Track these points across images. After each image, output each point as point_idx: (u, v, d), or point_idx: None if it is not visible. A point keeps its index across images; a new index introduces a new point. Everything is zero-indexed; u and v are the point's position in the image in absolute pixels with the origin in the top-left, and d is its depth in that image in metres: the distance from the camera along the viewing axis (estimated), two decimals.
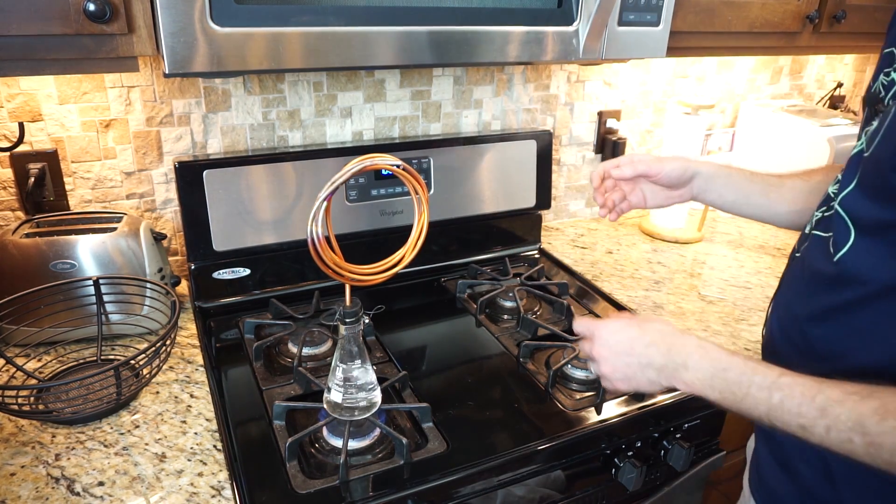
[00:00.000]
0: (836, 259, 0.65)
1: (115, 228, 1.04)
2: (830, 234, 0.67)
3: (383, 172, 1.24)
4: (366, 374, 0.84)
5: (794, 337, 0.71)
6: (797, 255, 0.76)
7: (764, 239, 1.59)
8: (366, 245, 1.25)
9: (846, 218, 0.64)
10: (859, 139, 0.69)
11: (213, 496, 0.77)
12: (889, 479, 0.58)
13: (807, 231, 0.75)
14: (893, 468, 0.55)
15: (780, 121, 1.65)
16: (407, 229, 0.81)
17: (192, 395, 0.95)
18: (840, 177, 0.69)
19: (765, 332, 0.81)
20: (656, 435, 0.97)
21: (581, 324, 0.80)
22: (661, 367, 0.71)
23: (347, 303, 0.80)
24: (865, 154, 0.63)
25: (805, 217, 0.91)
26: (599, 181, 0.95)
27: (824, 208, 0.71)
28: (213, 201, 1.12)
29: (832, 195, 0.70)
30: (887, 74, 0.66)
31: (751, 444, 0.93)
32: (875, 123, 0.63)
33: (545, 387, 0.98)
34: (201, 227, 1.13)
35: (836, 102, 1.88)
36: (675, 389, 0.72)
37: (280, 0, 0.80)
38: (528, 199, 1.42)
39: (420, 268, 1.34)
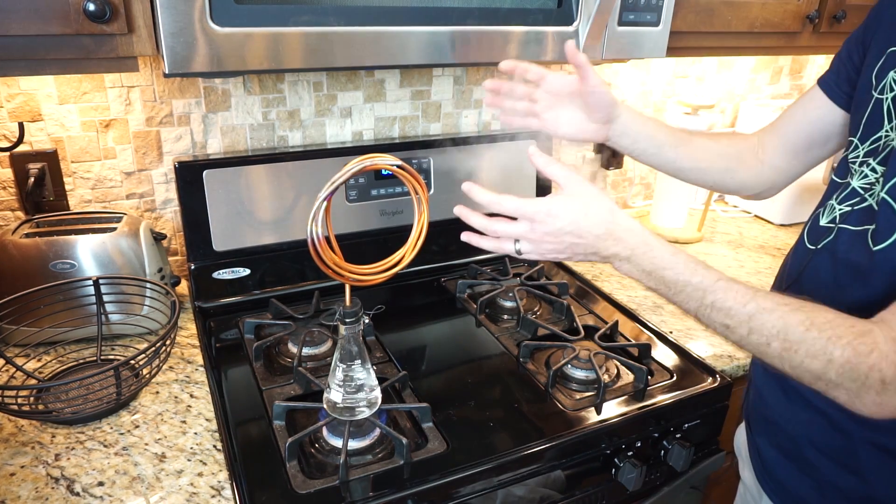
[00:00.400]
0: (875, 250, 0.65)
1: (115, 228, 1.04)
2: (867, 227, 0.67)
3: (383, 172, 1.24)
4: (366, 374, 0.84)
5: None
6: (813, 247, 0.76)
7: (764, 239, 1.59)
8: (366, 245, 1.25)
9: (895, 207, 0.64)
10: (873, 143, 0.69)
11: (213, 496, 0.77)
12: None
13: (824, 223, 0.75)
14: (796, 371, 0.61)
15: None
16: (407, 229, 0.81)
17: (192, 395, 0.95)
18: (869, 172, 0.70)
19: None
20: (656, 435, 0.97)
21: (507, 201, 0.70)
22: (607, 257, 0.70)
23: (347, 303, 0.80)
24: None
25: (707, 176, 0.95)
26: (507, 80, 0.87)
27: (853, 201, 0.71)
28: (213, 201, 1.12)
29: (863, 188, 0.70)
30: None
31: (740, 438, 0.93)
32: None
33: (545, 387, 0.98)
34: (201, 227, 1.13)
35: None
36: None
37: (280, 0, 0.80)
38: None
39: (420, 268, 1.34)
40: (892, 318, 0.59)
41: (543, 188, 1.42)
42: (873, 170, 0.69)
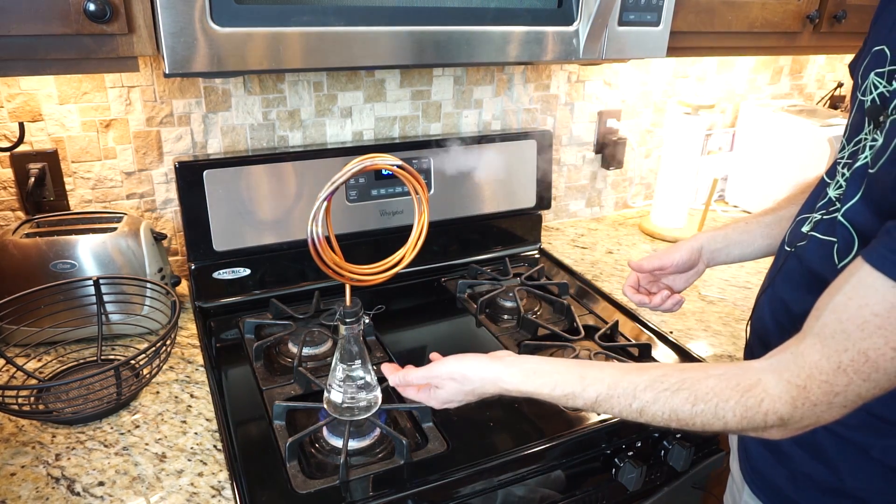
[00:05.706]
0: (839, 266, 0.65)
1: (115, 228, 1.04)
2: (833, 239, 0.67)
3: (383, 172, 1.24)
4: (366, 374, 0.84)
5: (792, 332, 0.72)
6: (789, 249, 0.76)
7: None
8: (366, 245, 1.25)
9: (851, 229, 0.65)
10: (855, 145, 0.69)
11: (214, 496, 0.77)
12: (886, 460, 0.66)
13: (804, 230, 0.75)
14: (705, 432, 0.66)
15: (781, 121, 1.65)
16: (407, 229, 0.81)
17: (192, 395, 0.95)
18: (842, 182, 0.69)
19: (754, 323, 0.81)
20: (656, 435, 0.97)
21: (440, 366, 0.76)
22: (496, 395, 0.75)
23: (347, 303, 0.80)
24: (871, 170, 0.62)
25: None
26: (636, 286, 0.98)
27: (823, 211, 0.71)
28: (213, 201, 1.12)
29: (834, 199, 0.70)
30: (885, 78, 0.65)
31: None
32: (880, 139, 0.62)
33: None
34: (201, 227, 1.13)
35: (836, 102, 1.88)
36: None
37: (280, 0, 0.80)
38: (529, 199, 1.42)
39: (420, 268, 1.34)
40: (785, 357, 0.60)
41: (543, 186, 1.42)
42: (839, 185, 0.69)
